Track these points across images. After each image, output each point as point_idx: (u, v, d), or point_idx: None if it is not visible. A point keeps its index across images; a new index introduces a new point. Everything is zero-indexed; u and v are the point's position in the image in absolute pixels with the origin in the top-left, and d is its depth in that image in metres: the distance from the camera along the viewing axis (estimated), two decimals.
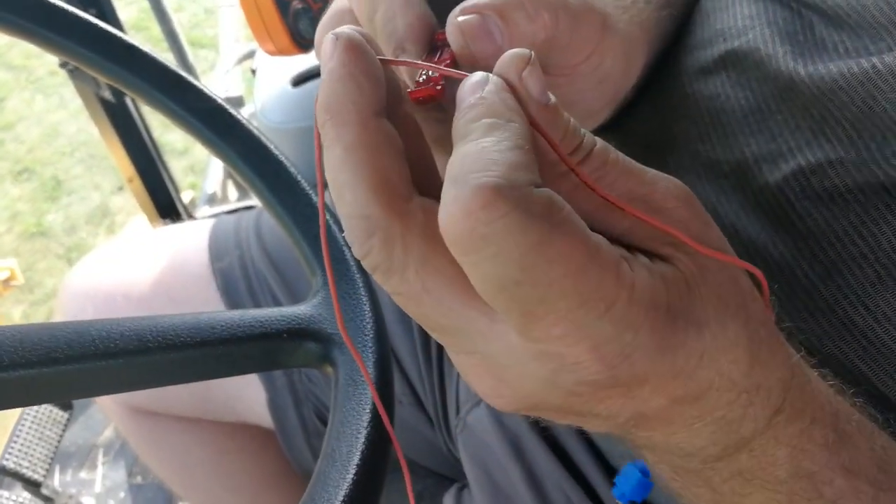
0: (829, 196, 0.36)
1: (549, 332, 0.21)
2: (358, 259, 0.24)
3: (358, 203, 0.23)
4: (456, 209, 0.20)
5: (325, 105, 0.23)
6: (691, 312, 0.23)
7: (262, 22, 0.68)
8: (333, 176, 0.23)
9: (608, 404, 0.24)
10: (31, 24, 0.44)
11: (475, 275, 0.21)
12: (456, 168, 0.21)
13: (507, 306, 0.21)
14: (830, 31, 0.38)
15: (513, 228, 0.20)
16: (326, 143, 0.23)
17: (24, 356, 0.31)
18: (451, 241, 0.21)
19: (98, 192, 2.06)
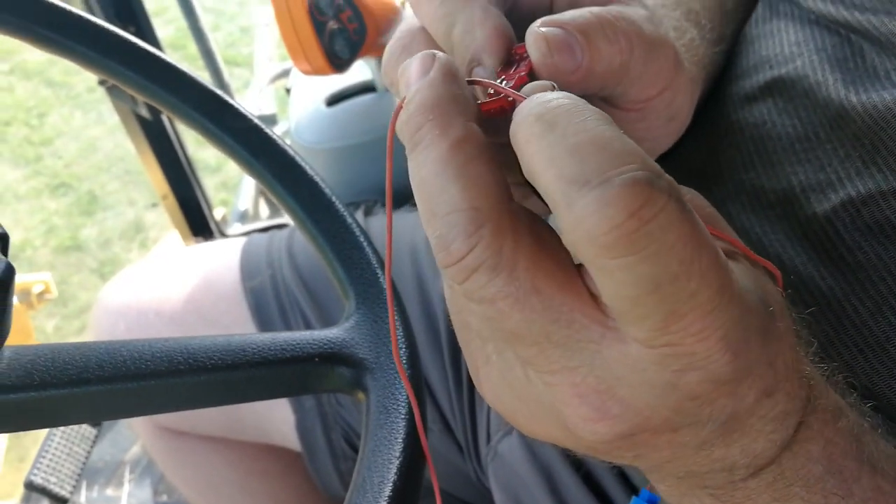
0: (880, 228, 0.35)
1: (688, 330, 0.20)
2: (453, 261, 0.22)
3: (466, 196, 0.22)
4: (611, 211, 0.19)
5: (427, 106, 0.23)
6: (767, 298, 0.23)
7: (298, 41, 0.69)
8: (433, 173, 0.22)
9: (715, 406, 0.22)
10: (73, 43, 0.45)
11: (625, 278, 0.19)
12: (574, 166, 0.20)
13: (653, 310, 0.20)
14: (882, 58, 0.37)
15: (674, 220, 0.19)
16: (426, 142, 0.23)
17: (56, 376, 0.31)
18: (606, 244, 0.19)
19: (132, 208, 2.09)
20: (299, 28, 0.68)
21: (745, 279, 0.22)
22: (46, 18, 0.44)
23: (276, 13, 0.68)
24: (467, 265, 0.22)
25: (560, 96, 0.22)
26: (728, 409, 0.23)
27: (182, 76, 0.46)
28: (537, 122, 0.21)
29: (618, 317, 0.21)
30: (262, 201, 1.50)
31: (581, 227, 0.19)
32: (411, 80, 0.24)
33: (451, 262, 0.22)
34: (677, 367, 0.21)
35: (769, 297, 0.23)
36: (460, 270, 0.22)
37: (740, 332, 0.21)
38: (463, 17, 0.28)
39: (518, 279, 0.22)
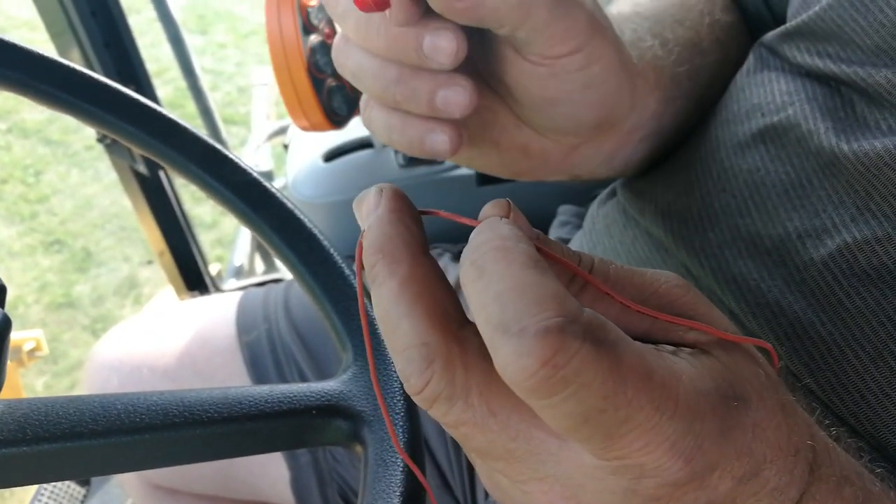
0: (877, 274, 0.35)
1: (631, 447, 0.21)
2: (415, 393, 0.23)
3: (416, 332, 0.23)
4: (526, 361, 0.19)
5: (376, 245, 0.24)
6: (735, 390, 0.23)
7: (296, 98, 0.69)
8: (387, 310, 0.24)
9: (684, 501, 0.23)
10: (75, 99, 0.45)
11: (554, 414, 0.21)
12: (497, 314, 0.20)
13: (590, 435, 0.21)
14: (872, 109, 0.37)
15: (588, 361, 0.20)
16: (378, 281, 0.24)
17: (49, 430, 0.31)
18: (527, 390, 0.20)
19: (127, 264, 2.08)
20: (298, 85, 0.69)
21: (702, 379, 0.23)
22: (49, 75, 0.45)
23: (275, 71, 0.69)
24: (426, 397, 0.23)
25: (492, 237, 0.22)
26: (702, 499, 0.23)
27: (182, 131, 0.47)
28: (471, 267, 0.22)
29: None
30: (258, 257, 1.50)
31: (505, 372, 0.20)
32: (366, 213, 0.26)
33: (414, 394, 0.23)
34: (630, 476, 0.22)
35: (741, 386, 0.24)
36: (423, 401, 0.23)
37: (690, 440, 0.21)
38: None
39: (473, 405, 0.23)
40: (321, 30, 0.71)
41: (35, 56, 0.45)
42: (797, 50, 0.43)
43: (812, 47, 0.42)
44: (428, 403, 0.23)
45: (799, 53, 0.42)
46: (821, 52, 0.41)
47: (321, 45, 0.71)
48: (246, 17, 3.52)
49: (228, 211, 0.47)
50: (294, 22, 0.67)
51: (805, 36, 0.42)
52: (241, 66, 3.14)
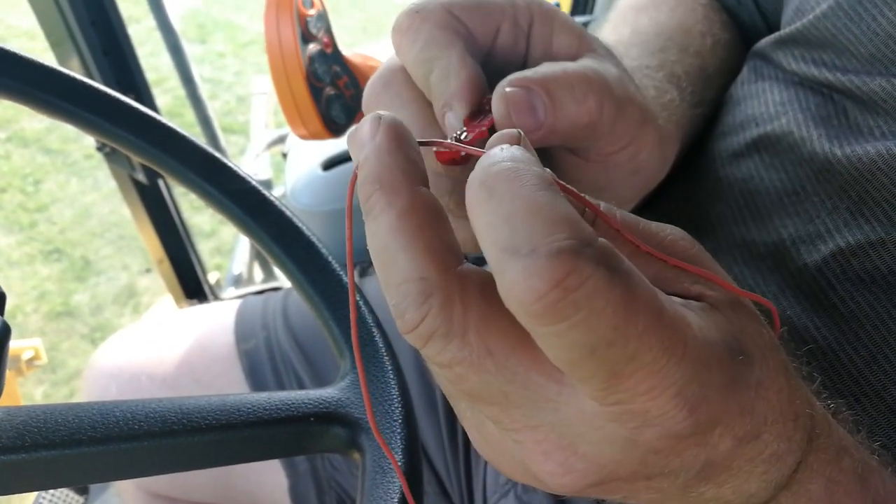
0: (870, 278, 0.35)
1: (636, 389, 0.20)
2: (408, 329, 0.22)
3: (414, 266, 0.22)
4: (536, 281, 0.19)
5: (374, 175, 0.23)
6: (741, 345, 0.23)
7: (295, 107, 0.70)
8: (384, 243, 0.23)
9: (684, 457, 0.23)
10: (75, 108, 0.45)
11: (559, 344, 0.20)
12: (507, 234, 0.20)
13: (594, 371, 0.20)
14: (865, 116, 0.38)
15: (601, 287, 0.19)
16: (375, 212, 0.23)
17: (48, 437, 0.31)
18: (534, 313, 0.19)
19: (126, 273, 2.08)
20: (297, 94, 0.69)
21: (709, 330, 0.22)
22: (49, 84, 0.45)
23: (273, 80, 0.70)
24: (421, 333, 0.22)
25: (502, 158, 0.22)
26: (701, 458, 0.23)
27: (181, 139, 0.47)
28: (480, 188, 0.21)
29: (567, 377, 0.22)
30: (257, 265, 1.50)
31: (511, 295, 0.19)
32: (362, 144, 0.24)
33: (407, 331, 0.22)
34: (633, 424, 0.21)
35: (746, 342, 0.23)
36: (416, 338, 0.22)
37: (696, 388, 0.21)
38: (440, 64, 0.29)
39: (470, 344, 0.22)
40: (320, 39, 0.72)
41: (35, 65, 0.45)
42: (791, 57, 0.43)
43: (806, 55, 0.42)
44: (422, 341, 0.22)
45: (794, 61, 0.43)
46: (815, 59, 0.41)
47: (320, 54, 0.71)
48: (245, 27, 3.54)
49: (227, 219, 0.47)
50: (293, 31, 0.67)
51: (799, 43, 0.43)
52: (240, 75, 3.15)
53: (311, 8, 0.70)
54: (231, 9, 3.72)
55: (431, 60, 0.30)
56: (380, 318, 0.42)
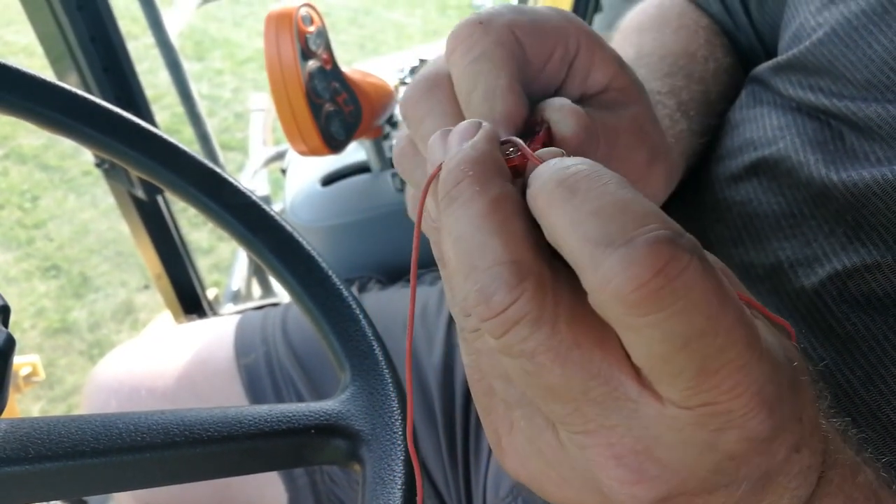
0: (866, 300, 0.36)
1: (721, 387, 0.20)
2: (495, 312, 0.21)
3: (508, 249, 0.22)
4: (637, 270, 0.19)
5: (469, 162, 0.23)
6: (787, 352, 0.23)
7: (295, 123, 0.70)
8: (474, 226, 0.22)
9: (751, 465, 0.22)
10: (77, 123, 0.46)
11: (653, 336, 0.19)
12: (598, 228, 0.20)
13: (683, 366, 0.20)
14: (861, 142, 0.38)
15: (697, 277, 0.19)
16: (464, 197, 0.23)
17: (51, 449, 0.31)
18: (633, 302, 0.19)
19: (124, 289, 2.08)
20: (296, 110, 0.70)
21: (769, 335, 0.22)
22: (51, 99, 0.46)
23: (273, 96, 0.70)
24: (509, 317, 0.21)
25: (577, 162, 0.22)
26: (762, 468, 0.23)
27: (182, 154, 0.48)
28: (558, 188, 0.21)
29: (651, 377, 0.21)
30: (255, 281, 1.51)
31: (608, 286, 0.19)
32: (453, 143, 0.25)
33: (492, 315, 0.21)
34: (715, 426, 0.21)
35: (790, 351, 0.23)
36: (501, 323, 0.21)
37: (774, 388, 0.21)
38: (485, 83, 0.28)
39: (560, 332, 0.21)
40: (319, 56, 0.72)
41: (37, 81, 0.45)
42: (788, 83, 0.44)
43: (804, 81, 0.43)
44: (507, 325, 0.21)
45: (791, 87, 0.43)
46: (812, 85, 0.42)
47: (319, 70, 0.72)
48: (243, 44, 3.55)
49: (227, 233, 0.47)
50: (293, 48, 0.68)
51: (796, 70, 0.43)
52: (238, 92, 3.17)
53: (311, 25, 0.71)
54: (229, 26, 3.74)
55: (480, 75, 0.29)
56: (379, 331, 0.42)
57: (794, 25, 0.45)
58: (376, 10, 4.16)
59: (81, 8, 0.92)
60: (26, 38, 3.17)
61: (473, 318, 0.25)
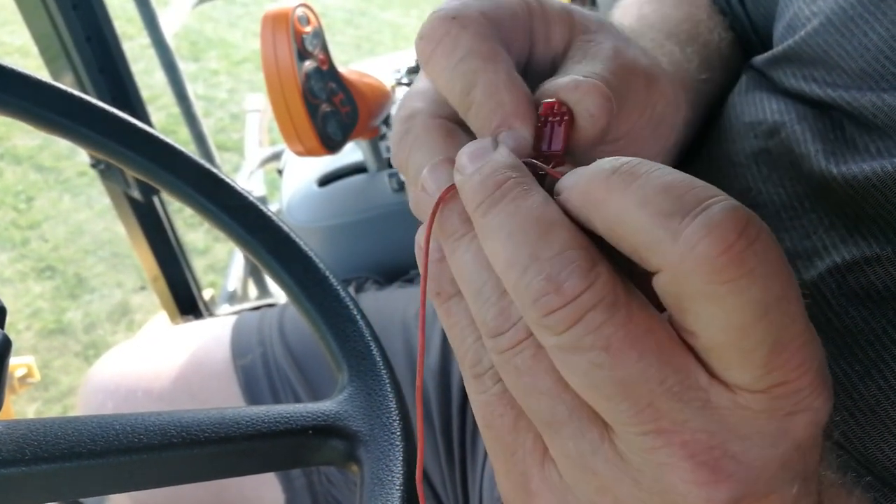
0: (865, 294, 0.35)
1: (791, 362, 0.20)
2: (568, 299, 0.21)
3: (575, 237, 0.21)
4: (722, 232, 0.19)
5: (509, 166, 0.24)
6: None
7: (292, 123, 0.70)
8: (536, 217, 0.22)
9: (807, 460, 0.22)
10: (73, 123, 0.46)
11: (737, 303, 0.19)
12: (670, 201, 0.20)
13: (760, 339, 0.19)
14: (861, 132, 0.38)
15: (771, 242, 0.19)
16: (514, 194, 0.23)
17: (48, 450, 0.31)
18: (720, 266, 0.19)
19: (119, 290, 2.08)
20: (293, 111, 0.70)
21: None
22: (47, 100, 0.46)
23: (270, 97, 0.70)
24: (584, 303, 0.20)
25: (621, 157, 0.22)
26: (812, 465, 0.22)
27: (179, 155, 0.48)
28: (615, 175, 0.21)
29: (721, 362, 0.21)
30: (251, 282, 1.50)
31: (692, 254, 0.19)
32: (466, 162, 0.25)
33: (564, 302, 0.21)
34: (786, 409, 0.20)
35: None
36: (575, 309, 0.20)
37: (826, 368, 0.21)
38: (485, 79, 0.27)
39: (634, 318, 0.21)
40: (315, 56, 0.72)
41: (32, 81, 0.45)
42: (784, 75, 0.44)
43: (798, 72, 0.43)
44: (581, 311, 0.20)
45: (786, 78, 0.43)
46: (807, 76, 0.42)
47: (316, 71, 0.72)
48: (238, 45, 3.55)
49: (224, 234, 0.47)
50: (289, 48, 0.68)
51: (792, 61, 0.43)
52: (234, 92, 3.16)
53: (307, 25, 0.71)
54: (225, 26, 3.74)
55: (472, 73, 0.27)
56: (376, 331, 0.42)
57: (787, 15, 0.45)
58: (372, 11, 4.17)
59: (77, 8, 0.92)
60: (21, 38, 3.16)
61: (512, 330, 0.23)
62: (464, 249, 0.24)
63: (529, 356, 0.23)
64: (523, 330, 0.23)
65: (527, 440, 0.25)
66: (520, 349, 0.23)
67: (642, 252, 0.21)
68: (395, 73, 1.06)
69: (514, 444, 0.25)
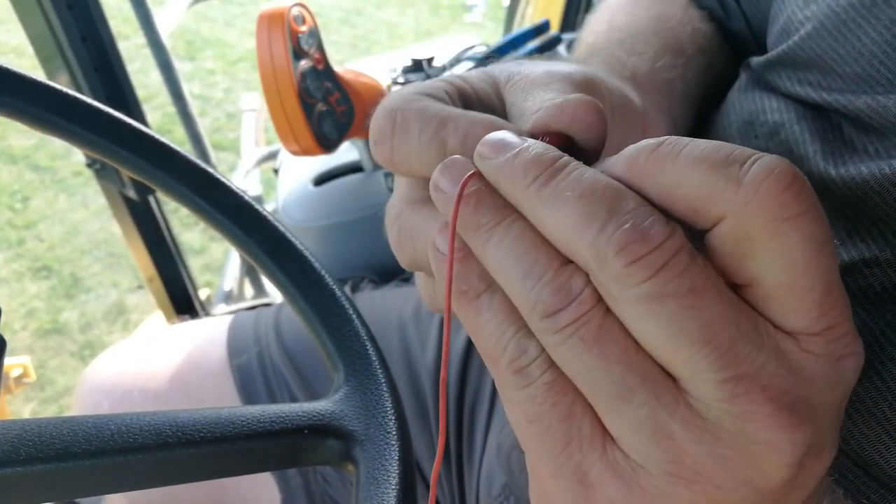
0: (864, 295, 0.36)
1: (837, 305, 0.22)
2: (657, 243, 0.21)
3: (639, 200, 0.22)
4: (782, 170, 0.21)
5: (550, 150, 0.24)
6: None
7: (287, 123, 0.70)
8: (604, 182, 0.23)
9: (839, 415, 0.23)
10: (69, 123, 0.45)
11: (799, 240, 0.21)
12: (724, 152, 0.22)
13: (818, 275, 0.21)
14: (859, 133, 0.38)
15: (811, 188, 0.21)
16: (571, 167, 0.23)
17: (43, 450, 0.31)
18: (785, 203, 0.20)
19: (115, 290, 2.07)
20: (289, 110, 0.70)
21: None
22: (43, 99, 0.45)
23: (266, 96, 0.70)
24: (670, 247, 0.21)
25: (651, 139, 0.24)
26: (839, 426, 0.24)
27: (174, 154, 0.47)
28: (662, 147, 0.23)
29: (780, 308, 0.22)
30: (247, 282, 1.50)
31: (757, 193, 0.21)
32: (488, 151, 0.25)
33: (650, 249, 0.21)
34: (838, 353, 0.22)
35: None
36: (662, 255, 0.21)
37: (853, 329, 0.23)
38: (451, 128, 0.28)
39: (708, 265, 0.22)
40: (311, 55, 0.72)
41: (27, 80, 0.45)
42: (780, 78, 0.44)
43: (794, 76, 0.43)
44: (668, 255, 0.21)
45: (783, 82, 0.43)
46: (802, 80, 0.42)
47: (311, 70, 0.72)
48: (234, 44, 3.55)
49: (220, 234, 0.47)
50: (285, 47, 0.68)
51: (787, 65, 0.43)
52: (230, 92, 3.16)
53: (303, 24, 0.71)
54: (221, 26, 3.73)
55: (438, 135, 0.29)
56: (372, 331, 0.42)
57: (782, 19, 0.45)
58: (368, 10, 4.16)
59: (72, 7, 0.92)
60: (17, 37, 3.16)
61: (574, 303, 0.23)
62: (501, 236, 0.24)
63: (597, 326, 0.22)
64: (588, 300, 0.23)
65: (583, 426, 0.24)
66: (586, 320, 0.23)
67: (703, 205, 0.22)
68: (392, 73, 1.06)
69: (568, 434, 0.24)
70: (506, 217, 0.24)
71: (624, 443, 0.23)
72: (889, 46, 0.37)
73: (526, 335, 0.24)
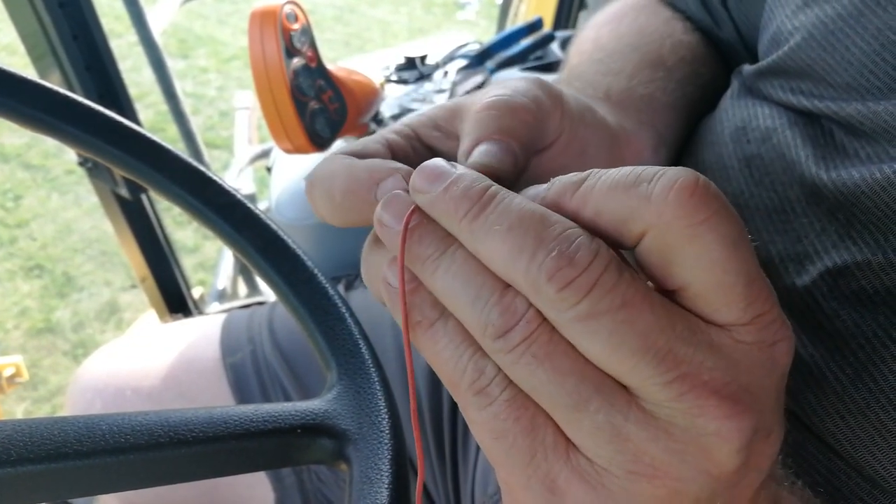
0: (856, 298, 0.36)
1: (762, 295, 0.23)
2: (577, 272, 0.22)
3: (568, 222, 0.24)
4: (686, 179, 0.22)
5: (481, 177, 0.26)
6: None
7: (280, 121, 0.70)
8: (530, 210, 0.24)
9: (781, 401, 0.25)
10: (60, 122, 0.45)
11: (714, 240, 0.22)
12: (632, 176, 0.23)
13: (738, 269, 0.23)
14: (850, 138, 0.38)
15: (718, 191, 0.23)
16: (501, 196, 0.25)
17: (33, 451, 0.31)
18: (693, 207, 0.22)
19: (108, 289, 2.07)
20: (281, 108, 0.69)
21: None
22: (33, 98, 0.45)
23: (258, 94, 0.70)
24: (596, 268, 0.22)
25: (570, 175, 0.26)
26: (781, 411, 0.25)
27: (166, 153, 0.47)
28: (581, 183, 0.25)
29: (709, 305, 0.23)
30: (241, 280, 1.50)
31: (667, 205, 0.22)
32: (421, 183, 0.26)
33: (578, 273, 0.22)
34: (770, 339, 0.23)
35: None
36: (590, 276, 0.22)
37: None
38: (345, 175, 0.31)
39: (636, 278, 0.23)
40: (304, 53, 0.72)
41: (18, 79, 0.45)
42: (772, 87, 0.44)
43: (786, 85, 0.43)
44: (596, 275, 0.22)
45: (774, 91, 0.44)
46: (794, 89, 0.42)
47: (304, 68, 0.71)
48: (227, 42, 3.54)
49: (212, 232, 0.47)
50: (277, 45, 0.68)
51: (778, 75, 0.44)
52: (223, 90, 3.15)
53: (295, 22, 0.71)
54: (213, 24, 3.72)
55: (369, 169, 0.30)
56: (365, 330, 0.42)
57: (771, 28, 0.45)
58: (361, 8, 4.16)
59: (63, 5, 0.91)
60: (8, 36, 3.14)
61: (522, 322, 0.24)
62: (447, 264, 0.25)
63: (545, 342, 0.24)
64: (534, 319, 0.24)
65: (546, 436, 0.25)
66: (534, 337, 0.24)
67: (624, 226, 0.24)
68: (384, 70, 1.06)
69: (532, 447, 0.25)
70: (449, 246, 0.25)
71: (586, 449, 0.24)
72: (877, 56, 0.37)
73: (482, 356, 0.25)
